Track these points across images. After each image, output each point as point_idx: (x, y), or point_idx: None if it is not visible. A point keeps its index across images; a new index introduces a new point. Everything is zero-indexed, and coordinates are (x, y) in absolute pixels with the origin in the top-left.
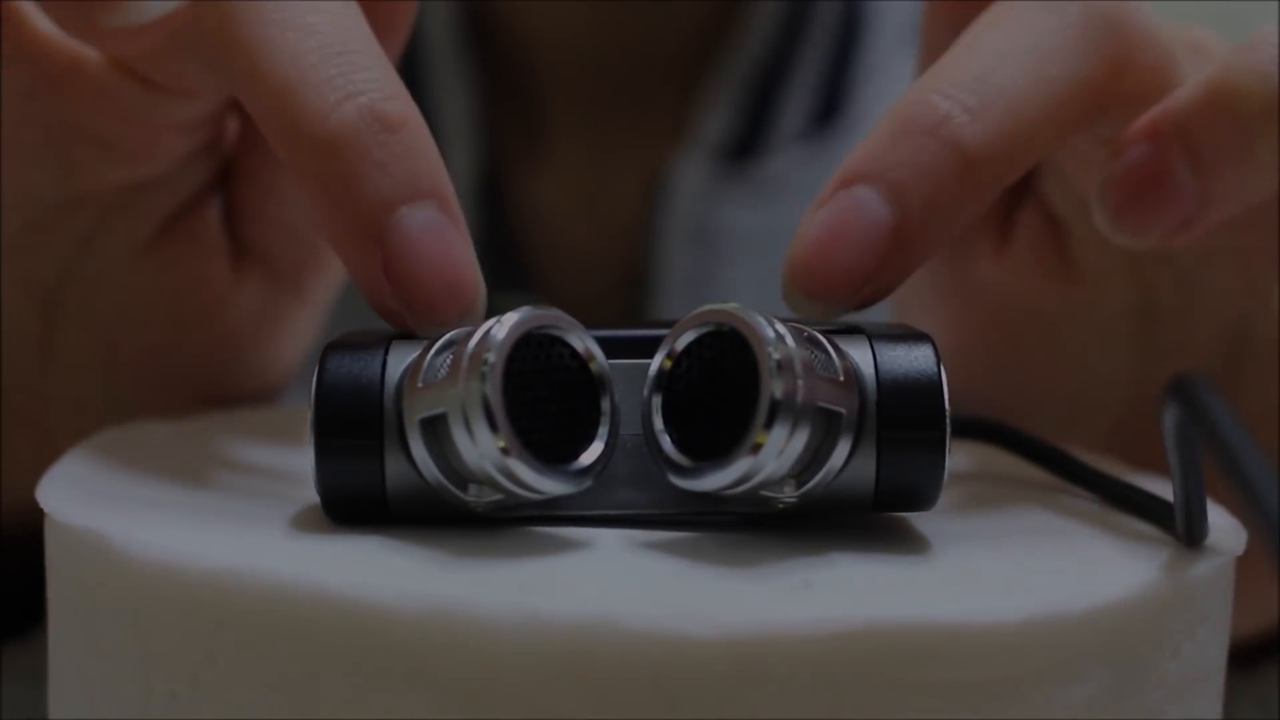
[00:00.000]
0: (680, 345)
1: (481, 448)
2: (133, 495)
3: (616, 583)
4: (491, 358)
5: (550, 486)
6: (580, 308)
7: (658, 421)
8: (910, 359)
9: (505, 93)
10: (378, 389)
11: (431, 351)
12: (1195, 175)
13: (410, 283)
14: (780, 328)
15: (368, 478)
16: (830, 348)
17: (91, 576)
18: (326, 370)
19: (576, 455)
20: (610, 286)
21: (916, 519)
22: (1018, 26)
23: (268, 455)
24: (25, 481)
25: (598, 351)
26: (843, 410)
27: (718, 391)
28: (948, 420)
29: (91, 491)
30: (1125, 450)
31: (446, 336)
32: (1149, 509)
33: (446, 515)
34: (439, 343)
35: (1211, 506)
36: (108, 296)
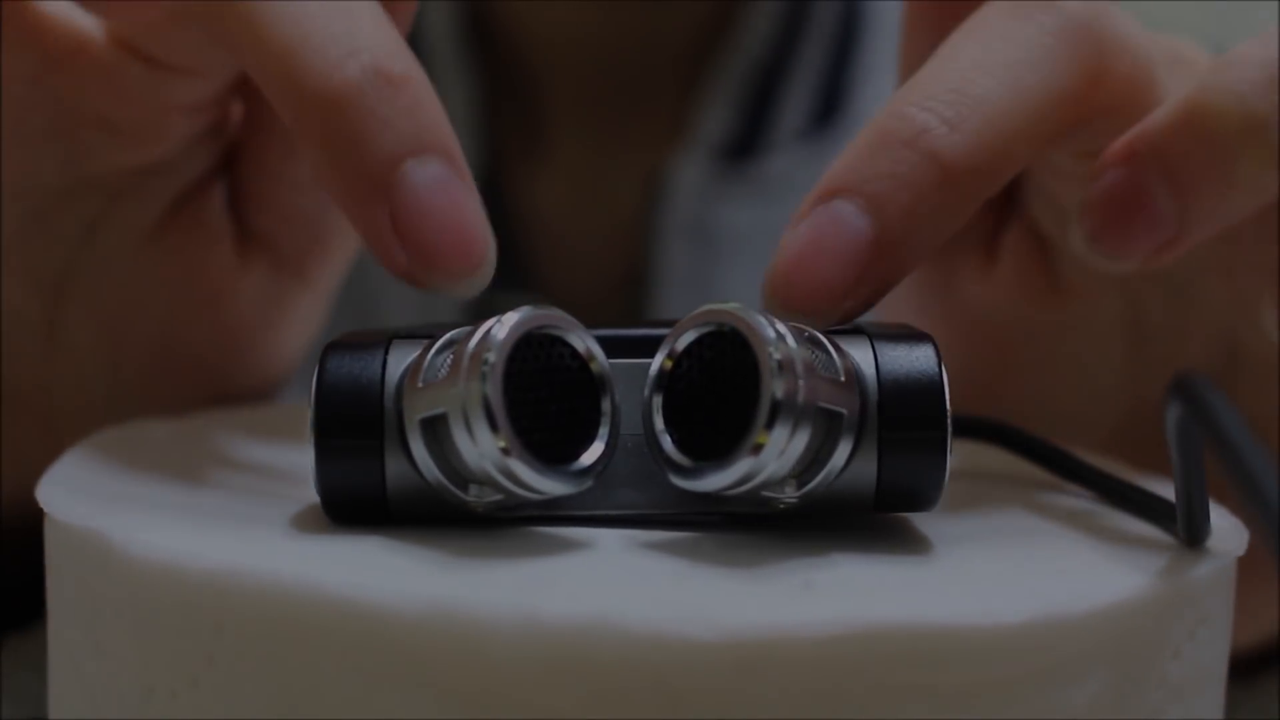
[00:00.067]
0: (681, 345)
1: (482, 448)
2: (133, 495)
3: (617, 583)
4: (492, 358)
5: (551, 487)
6: (580, 307)
7: (658, 421)
8: (911, 359)
9: (505, 93)
10: (378, 389)
11: (432, 351)
12: (1174, 198)
13: (419, 237)
14: (781, 328)
15: (368, 478)
16: (831, 348)
17: (91, 576)
18: (326, 370)
19: (577, 455)
20: (610, 286)
21: (918, 519)
22: (995, 38)
23: (268, 455)
24: (29, 469)
25: (598, 351)
26: (844, 410)
27: (718, 392)
28: (949, 420)
29: (91, 491)
30: (1119, 462)
31: (447, 336)
32: (1150, 509)
33: (446, 515)
34: (439, 342)
35: (1213, 507)
36: (113, 283)
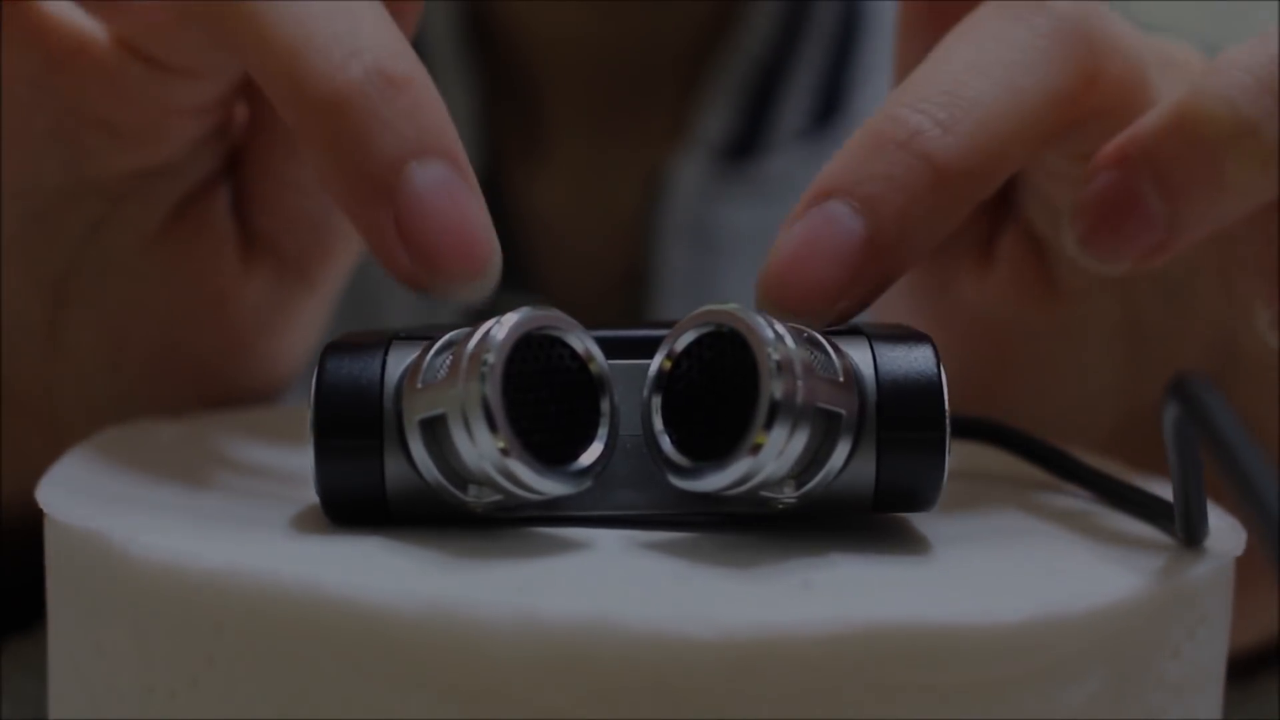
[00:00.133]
0: (680, 346)
1: (481, 448)
2: (133, 495)
3: (616, 583)
4: (491, 358)
5: (550, 487)
6: (580, 308)
7: (657, 422)
8: (910, 360)
9: (505, 93)
10: (377, 389)
11: (431, 352)
12: (1164, 200)
13: (423, 240)
14: (780, 328)
15: (367, 478)
16: (830, 348)
17: (91, 577)
18: (326, 371)
19: (576, 456)
20: (610, 286)
21: (916, 519)
22: (989, 40)
23: (268, 455)
24: (30, 471)
25: (597, 352)
26: (843, 411)
27: (717, 392)
28: (948, 421)
29: (91, 492)
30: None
31: (446, 337)
32: (1149, 509)
33: (446, 516)
34: (438, 343)
35: (1211, 507)
36: (116, 286)
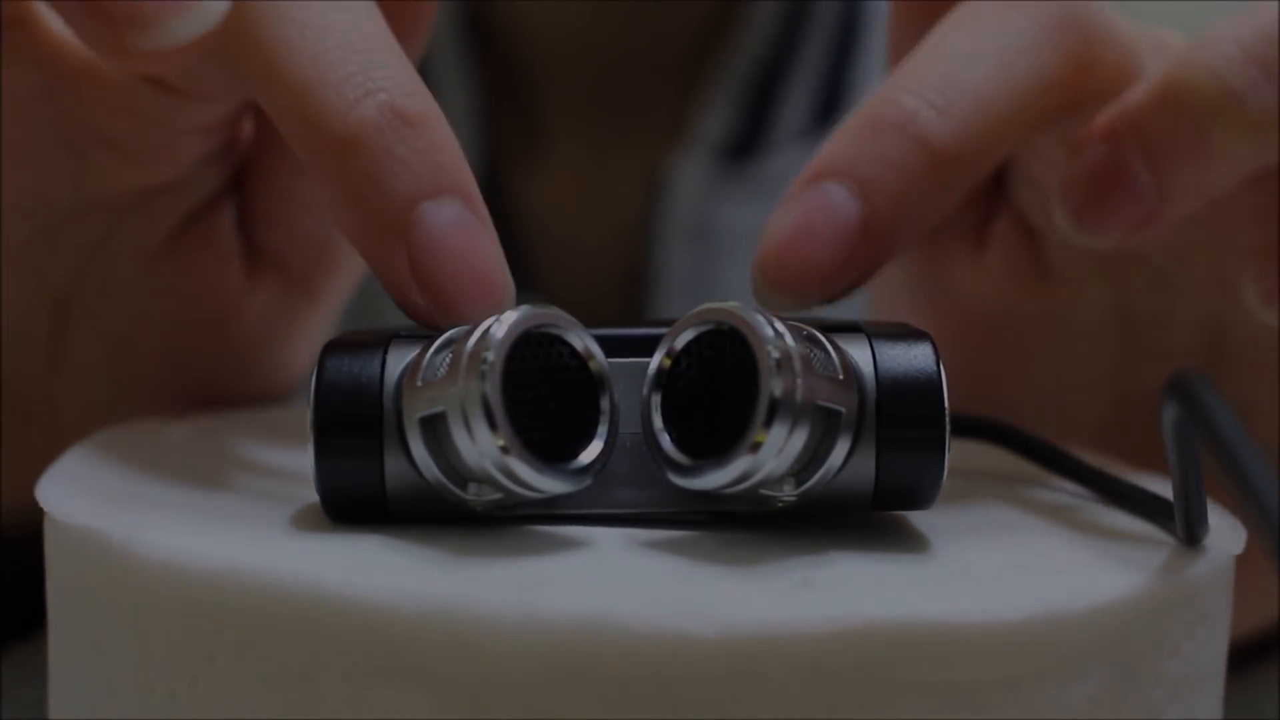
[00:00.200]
0: (680, 344)
1: (481, 446)
2: (133, 494)
3: (616, 582)
4: (491, 356)
5: (550, 485)
6: (580, 307)
7: (657, 420)
8: (910, 357)
9: (505, 93)
10: (377, 388)
11: (431, 350)
12: (1152, 172)
13: (437, 279)
14: (780, 326)
15: (367, 477)
16: (829, 346)
17: (91, 576)
18: (326, 370)
19: (576, 454)
20: (610, 285)
21: (916, 517)
22: (983, 26)
23: (268, 454)
24: (33, 483)
25: (597, 350)
26: (842, 409)
27: (717, 390)
28: (947, 419)
29: (91, 491)
30: (1109, 452)
31: (445, 335)
32: (1148, 508)
33: (446, 514)
34: (438, 341)
35: (1210, 505)
36: (119, 300)
